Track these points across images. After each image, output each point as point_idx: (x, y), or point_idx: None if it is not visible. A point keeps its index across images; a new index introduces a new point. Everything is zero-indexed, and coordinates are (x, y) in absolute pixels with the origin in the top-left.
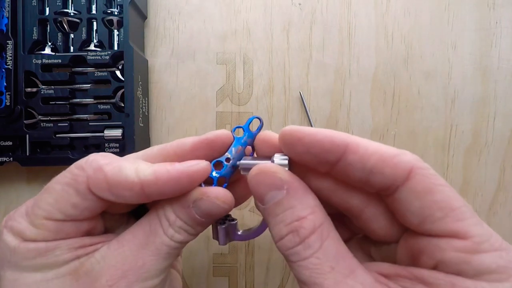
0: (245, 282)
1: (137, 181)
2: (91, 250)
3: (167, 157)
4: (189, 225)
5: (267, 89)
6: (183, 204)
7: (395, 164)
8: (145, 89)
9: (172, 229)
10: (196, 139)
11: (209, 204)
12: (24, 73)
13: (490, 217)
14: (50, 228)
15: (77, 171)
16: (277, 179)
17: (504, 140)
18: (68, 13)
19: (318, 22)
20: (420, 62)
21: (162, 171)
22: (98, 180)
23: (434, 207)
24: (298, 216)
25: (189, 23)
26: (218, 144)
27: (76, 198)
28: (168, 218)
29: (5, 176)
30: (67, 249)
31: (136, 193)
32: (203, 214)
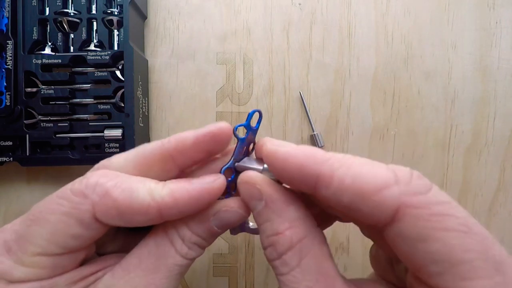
0: (245, 282)
1: (153, 204)
2: (92, 280)
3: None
4: (203, 239)
5: (267, 89)
6: (201, 219)
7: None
8: (145, 89)
9: (186, 246)
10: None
11: (231, 214)
12: (24, 73)
13: (490, 217)
14: (45, 265)
15: (78, 198)
16: (255, 190)
17: (504, 140)
18: (68, 13)
19: (318, 22)
20: (420, 62)
21: (181, 191)
22: (106, 208)
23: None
24: (276, 230)
25: (189, 23)
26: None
27: (78, 228)
28: (183, 236)
29: (5, 176)
30: (65, 285)
31: (152, 217)
32: (223, 225)
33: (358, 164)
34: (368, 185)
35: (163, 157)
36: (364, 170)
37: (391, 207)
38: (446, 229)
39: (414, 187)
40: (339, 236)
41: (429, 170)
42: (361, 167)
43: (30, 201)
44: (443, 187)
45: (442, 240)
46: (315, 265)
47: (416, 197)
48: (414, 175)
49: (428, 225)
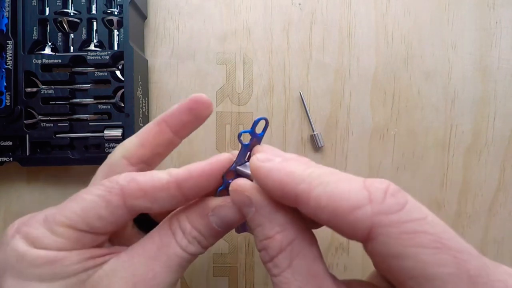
0: (245, 282)
1: (171, 179)
2: (100, 262)
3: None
4: (204, 235)
5: (267, 89)
6: (200, 213)
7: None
8: (145, 89)
9: (186, 239)
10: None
11: (230, 210)
12: (24, 73)
13: (490, 217)
14: (69, 237)
15: (111, 184)
16: (245, 197)
17: (504, 140)
18: (68, 13)
19: (318, 22)
20: (420, 62)
21: (194, 166)
22: (132, 190)
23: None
24: (266, 235)
25: (189, 23)
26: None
27: (105, 210)
28: (184, 228)
29: (5, 176)
30: (77, 259)
31: (173, 193)
32: (222, 222)
33: (334, 182)
34: (342, 205)
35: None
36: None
37: (365, 227)
38: (418, 245)
39: (386, 206)
40: (339, 236)
41: (429, 170)
42: (337, 186)
43: (30, 201)
44: (443, 187)
45: (414, 257)
46: (306, 266)
47: (387, 216)
48: (388, 192)
49: (400, 243)
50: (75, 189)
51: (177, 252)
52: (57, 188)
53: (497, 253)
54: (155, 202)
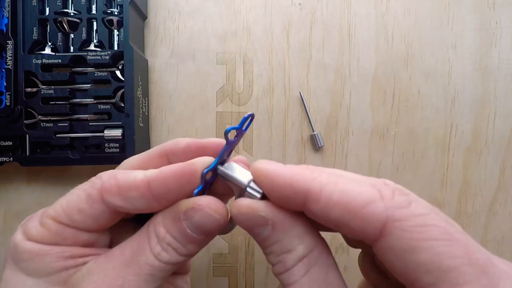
0: (245, 282)
1: (144, 178)
2: (81, 262)
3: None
4: (179, 242)
5: (267, 89)
6: (174, 217)
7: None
8: (145, 89)
9: (160, 246)
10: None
11: (201, 214)
12: (24, 73)
13: (490, 217)
14: (51, 229)
15: (95, 179)
16: (260, 217)
17: (504, 140)
18: (68, 13)
19: (318, 22)
20: (420, 62)
21: (168, 167)
22: (110, 185)
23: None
24: (286, 249)
25: (189, 23)
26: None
27: (84, 203)
28: (158, 233)
29: (5, 176)
30: (56, 257)
31: (143, 192)
32: (195, 227)
33: (344, 181)
34: (355, 200)
35: (160, 155)
36: (350, 187)
37: (379, 221)
38: (431, 238)
39: (397, 202)
40: (339, 236)
41: (429, 170)
42: (347, 184)
43: (30, 201)
44: (443, 187)
45: (430, 249)
46: (322, 275)
47: (400, 210)
48: (396, 191)
49: (415, 236)
50: None
51: (149, 260)
52: (57, 188)
53: (497, 253)
54: (128, 200)
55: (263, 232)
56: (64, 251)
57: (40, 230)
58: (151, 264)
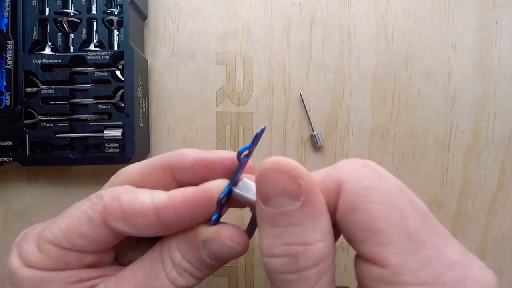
0: (245, 282)
1: (151, 206)
2: (89, 285)
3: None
4: (196, 267)
5: (267, 89)
6: (191, 244)
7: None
8: (145, 89)
9: (176, 271)
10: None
11: (221, 246)
12: (24, 73)
13: (490, 217)
14: (52, 255)
15: (96, 199)
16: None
17: (504, 140)
18: (68, 13)
19: (318, 22)
20: (420, 62)
21: (179, 193)
22: (113, 209)
23: (357, 228)
24: (305, 240)
25: (189, 23)
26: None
27: (86, 227)
28: (173, 258)
29: (5, 176)
30: (62, 283)
31: (151, 220)
32: (214, 256)
33: None
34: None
35: (163, 167)
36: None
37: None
38: (371, 201)
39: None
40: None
41: (429, 170)
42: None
43: (30, 201)
44: (443, 187)
45: (366, 211)
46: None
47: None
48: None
49: (359, 198)
50: (75, 189)
51: (165, 285)
52: (57, 188)
53: (497, 253)
54: (134, 227)
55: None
56: (70, 276)
57: (39, 256)
58: None
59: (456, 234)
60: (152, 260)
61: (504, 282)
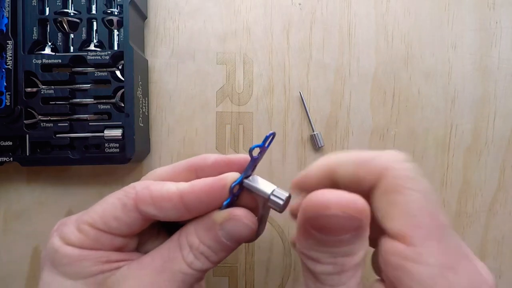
0: (245, 282)
1: (176, 191)
2: (115, 267)
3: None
4: (212, 250)
5: (267, 89)
6: (209, 227)
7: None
8: (145, 89)
9: (193, 254)
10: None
11: (237, 224)
12: (24, 73)
13: (490, 217)
14: (89, 235)
15: (129, 189)
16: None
17: (504, 140)
18: (68, 13)
19: (318, 22)
20: (420, 62)
21: (199, 181)
22: (144, 196)
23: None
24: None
25: (189, 23)
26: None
27: (120, 212)
28: (191, 243)
29: (5, 176)
30: (94, 261)
31: (175, 203)
32: (230, 236)
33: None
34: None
35: (188, 168)
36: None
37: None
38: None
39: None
40: None
41: (429, 170)
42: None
43: (30, 201)
44: (443, 187)
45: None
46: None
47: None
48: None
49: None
50: (75, 189)
51: (182, 268)
52: (57, 188)
53: (497, 253)
54: (161, 210)
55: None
56: (101, 256)
57: (78, 236)
58: (184, 272)
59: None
60: (171, 246)
61: (504, 282)
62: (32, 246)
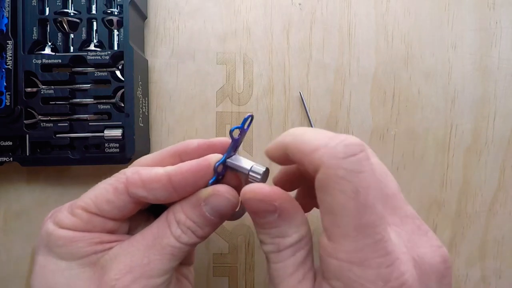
0: (245, 282)
1: (164, 173)
2: (108, 247)
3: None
4: (198, 225)
5: (267, 89)
6: (194, 204)
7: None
8: (145, 89)
9: (180, 229)
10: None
11: (220, 199)
12: (24, 73)
13: (490, 217)
14: (82, 218)
15: (119, 175)
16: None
17: (504, 140)
18: (68, 13)
19: (318, 22)
20: (420, 62)
21: (186, 164)
22: (134, 179)
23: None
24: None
25: (189, 23)
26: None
27: (112, 195)
28: (178, 219)
29: (5, 176)
30: (87, 242)
31: (164, 184)
32: (214, 211)
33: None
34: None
35: (173, 154)
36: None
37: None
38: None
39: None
40: None
41: (429, 170)
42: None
43: (30, 201)
44: (443, 187)
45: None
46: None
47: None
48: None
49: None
50: (75, 189)
51: (171, 242)
52: (57, 188)
53: (497, 253)
54: (150, 192)
55: (268, 218)
56: (94, 237)
57: (71, 219)
58: (172, 245)
59: (456, 234)
60: (159, 224)
61: (504, 282)
62: (32, 246)
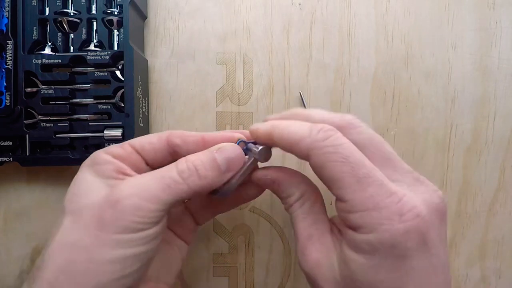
0: (245, 282)
1: (199, 134)
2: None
3: None
4: (204, 166)
5: (267, 89)
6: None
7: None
8: (145, 89)
9: (186, 165)
10: None
11: (232, 149)
12: (24, 73)
13: (490, 217)
14: (126, 150)
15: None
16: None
17: (504, 140)
18: (68, 13)
19: (318, 22)
20: (420, 62)
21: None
22: (175, 132)
23: (325, 179)
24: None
25: (189, 23)
26: None
27: (155, 139)
28: (188, 158)
29: (5, 176)
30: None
31: (197, 139)
32: (223, 157)
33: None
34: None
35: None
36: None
37: (306, 149)
38: (331, 160)
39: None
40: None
41: (429, 170)
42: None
43: (30, 201)
44: (443, 187)
45: (331, 167)
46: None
47: (317, 143)
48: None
49: (323, 159)
50: None
51: (172, 174)
52: (57, 188)
53: (497, 253)
54: (185, 143)
55: (273, 187)
56: (123, 167)
57: (117, 149)
58: (172, 177)
59: (456, 234)
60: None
61: (504, 282)
62: (32, 246)
